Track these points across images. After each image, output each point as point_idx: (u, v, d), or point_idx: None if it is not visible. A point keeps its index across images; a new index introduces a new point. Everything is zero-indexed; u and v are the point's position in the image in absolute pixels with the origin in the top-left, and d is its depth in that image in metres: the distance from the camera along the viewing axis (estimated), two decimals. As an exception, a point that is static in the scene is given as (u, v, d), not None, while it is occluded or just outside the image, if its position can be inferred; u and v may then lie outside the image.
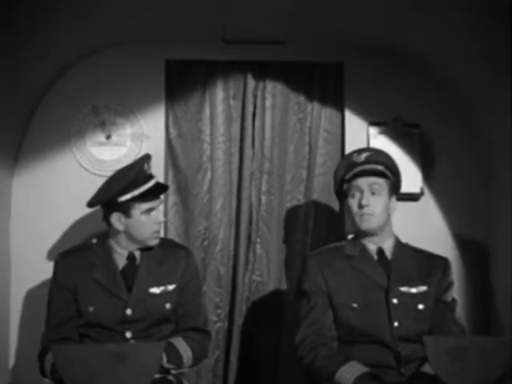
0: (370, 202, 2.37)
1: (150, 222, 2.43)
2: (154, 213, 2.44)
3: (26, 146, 2.98)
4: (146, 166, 2.46)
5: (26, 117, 2.95)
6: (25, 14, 2.44)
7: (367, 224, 2.39)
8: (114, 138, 3.04)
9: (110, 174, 2.95)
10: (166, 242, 2.57)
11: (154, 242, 2.48)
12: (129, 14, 2.75)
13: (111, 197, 2.39)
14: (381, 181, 2.41)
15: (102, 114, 3.03)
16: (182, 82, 3.10)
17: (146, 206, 2.41)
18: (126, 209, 2.40)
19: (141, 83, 3.03)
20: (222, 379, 3.07)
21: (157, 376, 2.28)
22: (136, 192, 2.39)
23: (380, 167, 2.42)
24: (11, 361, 2.92)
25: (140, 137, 3.05)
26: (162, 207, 2.62)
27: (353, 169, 2.42)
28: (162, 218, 2.51)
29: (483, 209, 3.03)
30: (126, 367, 1.91)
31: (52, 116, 3.00)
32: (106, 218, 2.44)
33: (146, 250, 2.49)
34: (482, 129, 2.99)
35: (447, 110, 3.08)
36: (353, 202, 2.41)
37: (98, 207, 2.50)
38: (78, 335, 2.43)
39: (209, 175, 3.11)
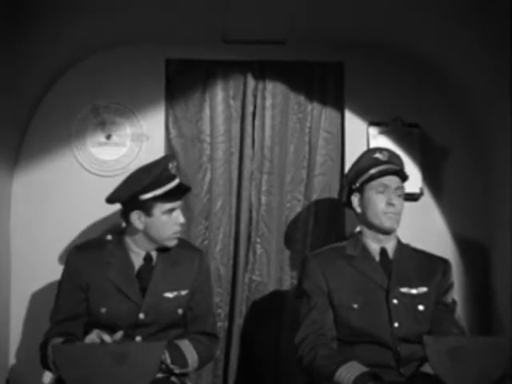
0: (397, 202, 2.41)
1: (170, 222, 2.38)
2: (175, 213, 2.39)
3: (26, 146, 2.98)
4: (170, 166, 2.42)
5: (26, 117, 2.95)
6: (25, 14, 2.44)
7: (391, 223, 2.41)
8: (114, 137, 3.04)
9: (109, 174, 2.99)
10: (182, 244, 2.51)
11: (172, 243, 2.43)
12: (129, 13, 2.75)
13: (133, 194, 2.33)
14: (403, 185, 2.47)
15: (102, 114, 3.03)
16: (181, 82, 3.10)
17: (167, 205, 2.37)
18: (147, 207, 2.35)
19: (141, 83, 3.03)
20: (221, 379, 3.07)
21: (160, 375, 2.28)
22: (159, 191, 2.34)
23: (402, 170, 2.48)
24: (11, 361, 2.92)
25: (140, 137, 3.05)
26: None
27: (378, 166, 2.43)
28: (182, 220, 2.43)
29: (483, 209, 3.03)
30: (126, 367, 1.91)
31: (52, 116, 3.00)
32: (126, 215, 2.39)
33: (162, 250, 2.45)
34: (482, 129, 2.99)
35: (447, 109, 3.08)
36: (379, 198, 2.41)
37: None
38: (82, 332, 2.39)
39: (209, 175, 3.11)
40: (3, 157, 2.81)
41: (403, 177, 2.48)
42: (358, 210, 2.47)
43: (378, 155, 2.46)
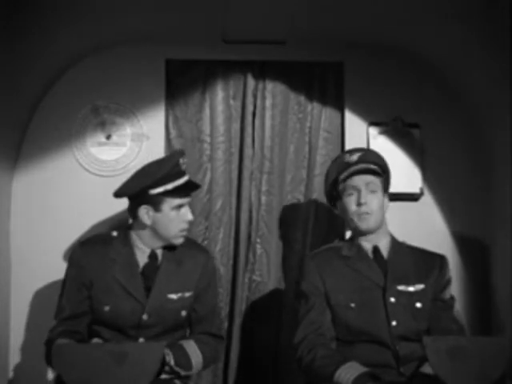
0: (368, 200, 2.39)
1: (178, 218, 2.37)
2: (183, 210, 2.38)
3: (26, 146, 2.98)
4: (181, 161, 2.40)
5: (26, 117, 2.95)
6: (25, 14, 2.44)
7: (366, 224, 2.40)
8: (114, 138, 3.04)
9: (109, 174, 2.99)
10: (187, 243, 2.49)
11: (179, 241, 2.42)
12: (129, 13, 2.75)
13: (144, 188, 2.32)
14: (376, 179, 2.43)
15: (102, 114, 3.03)
16: (181, 82, 3.10)
17: (177, 201, 2.35)
18: (156, 202, 2.33)
19: (141, 83, 3.03)
20: (221, 379, 3.07)
21: (164, 377, 2.27)
22: (170, 186, 2.33)
23: (373, 166, 2.43)
24: (12, 360, 2.92)
25: (140, 137, 3.05)
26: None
27: (347, 169, 2.42)
28: (190, 217, 2.41)
29: (483, 208, 3.03)
30: (125, 367, 1.91)
31: (52, 116, 3.00)
32: (133, 210, 2.37)
33: (168, 248, 2.43)
34: (481, 128, 2.99)
35: (447, 110, 3.08)
36: (350, 201, 2.42)
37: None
38: (86, 330, 2.38)
39: (209, 175, 3.11)
40: (3, 157, 2.81)
41: (377, 173, 2.44)
42: (342, 215, 2.48)
43: (346, 159, 2.45)
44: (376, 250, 2.44)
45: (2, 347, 2.85)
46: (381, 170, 2.45)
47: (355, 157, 2.43)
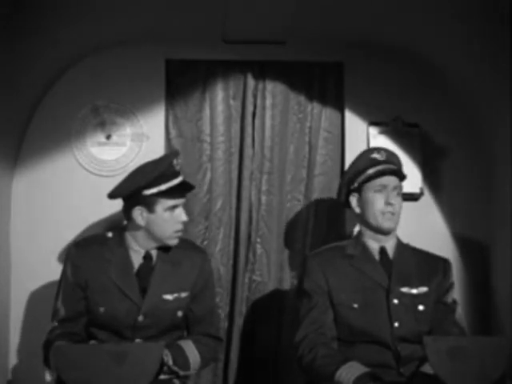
0: (396, 201, 2.41)
1: (172, 219, 2.36)
2: (177, 211, 2.37)
3: (26, 146, 2.98)
4: (175, 162, 2.39)
5: (25, 117, 2.95)
6: (25, 14, 2.44)
7: (389, 223, 2.41)
8: (114, 138, 3.04)
9: (109, 173, 2.99)
10: (183, 244, 2.48)
11: (173, 242, 2.41)
12: (129, 13, 2.75)
13: (137, 189, 2.31)
14: (400, 184, 2.46)
15: (102, 114, 3.03)
16: (182, 82, 3.10)
17: (170, 202, 2.34)
18: (149, 203, 2.32)
19: (141, 83, 3.03)
20: (221, 379, 3.07)
21: (162, 377, 2.26)
22: (163, 187, 2.31)
23: (399, 169, 2.47)
24: (11, 360, 2.92)
25: (140, 137, 3.05)
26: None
27: (376, 165, 2.43)
28: (184, 218, 2.40)
29: (483, 209, 3.03)
30: (125, 367, 1.90)
31: (52, 116, 3.00)
32: (127, 211, 2.36)
33: (162, 249, 2.42)
34: (482, 129, 2.99)
35: (447, 109, 3.08)
36: (377, 198, 2.41)
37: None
38: (84, 331, 2.38)
39: (209, 175, 3.11)
40: (3, 156, 2.81)
41: (401, 176, 2.48)
42: (357, 210, 2.48)
43: (375, 155, 2.45)
44: (383, 250, 2.44)
45: (2, 347, 2.85)
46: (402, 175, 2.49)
47: (383, 155, 2.45)
